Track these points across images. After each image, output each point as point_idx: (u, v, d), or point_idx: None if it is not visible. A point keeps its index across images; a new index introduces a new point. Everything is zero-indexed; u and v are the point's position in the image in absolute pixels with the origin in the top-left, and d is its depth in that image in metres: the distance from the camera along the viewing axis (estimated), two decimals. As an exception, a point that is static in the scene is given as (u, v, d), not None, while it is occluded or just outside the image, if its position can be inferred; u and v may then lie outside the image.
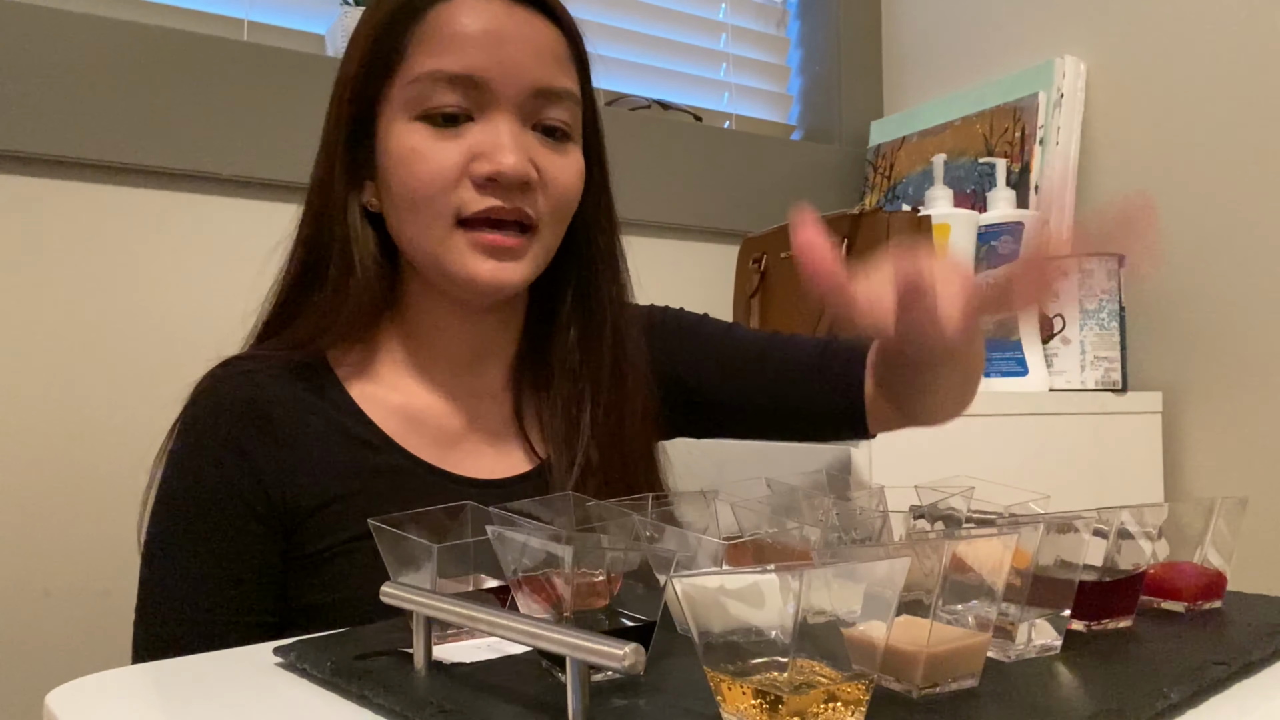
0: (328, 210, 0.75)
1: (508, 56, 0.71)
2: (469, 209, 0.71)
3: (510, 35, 0.71)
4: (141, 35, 1.08)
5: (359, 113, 0.74)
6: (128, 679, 0.53)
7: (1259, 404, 1.25)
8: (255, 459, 0.71)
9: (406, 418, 0.76)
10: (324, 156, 0.76)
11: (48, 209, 1.06)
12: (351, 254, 0.74)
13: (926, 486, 0.61)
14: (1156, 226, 0.54)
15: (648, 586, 0.46)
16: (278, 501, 0.71)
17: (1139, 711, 0.40)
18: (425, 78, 0.70)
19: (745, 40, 1.71)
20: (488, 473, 0.77)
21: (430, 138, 0.71)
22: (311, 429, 0.73)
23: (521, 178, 0.71)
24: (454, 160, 0.70)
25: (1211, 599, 0.59)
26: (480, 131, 0.71)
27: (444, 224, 0.71)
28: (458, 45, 0.70)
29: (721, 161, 1.54)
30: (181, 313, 1.11)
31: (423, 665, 0.48)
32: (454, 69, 0.70)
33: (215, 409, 0.72)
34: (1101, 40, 1.42)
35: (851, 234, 1.22)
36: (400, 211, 0.73)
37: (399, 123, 0.72)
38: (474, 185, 0.71)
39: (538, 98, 0.73)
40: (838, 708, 0.37)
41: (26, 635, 1.02)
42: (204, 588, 0.70)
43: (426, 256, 0.73)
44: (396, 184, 0.72)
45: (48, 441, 1.04)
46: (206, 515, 0.70)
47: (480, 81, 0.70)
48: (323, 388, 0.75)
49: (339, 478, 0.72)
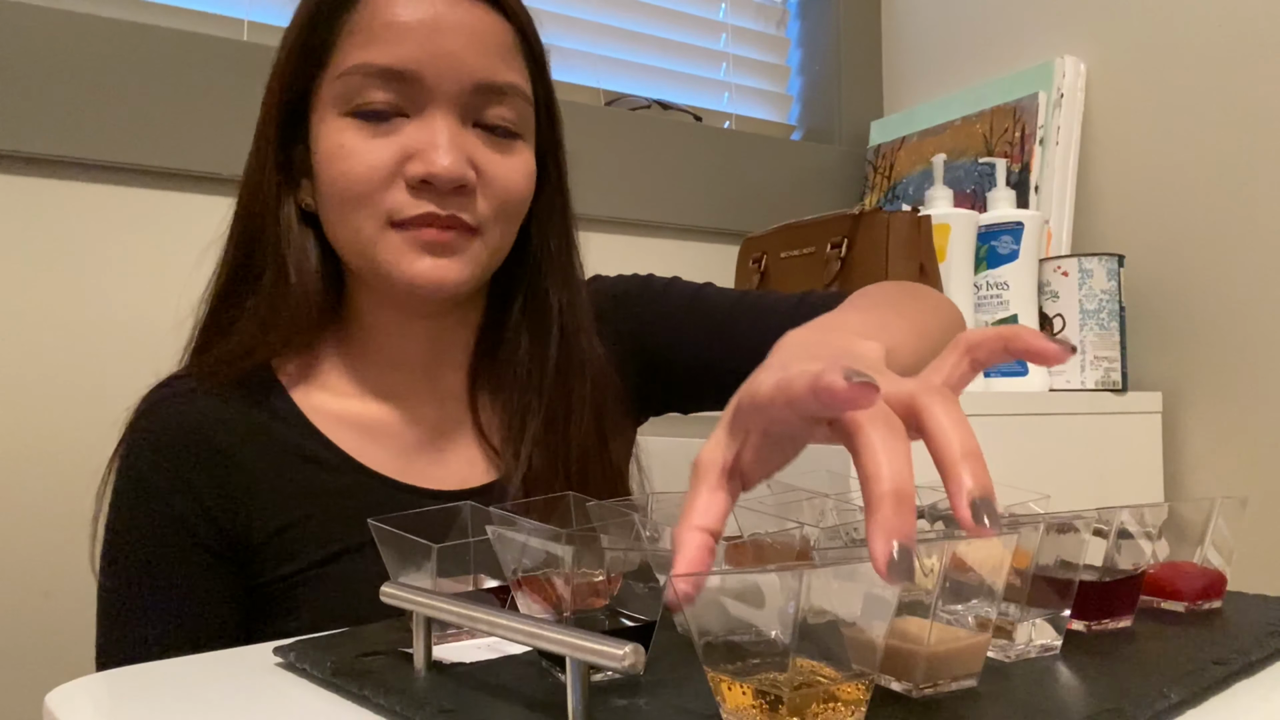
0: (258, 209, 0.71)
1: (444, 48, 0.66)
2: (402, 213, 0.66)
3: (448, 25, 0.66)
4: (141, 35, 1.08)
5: (291, 107, 0.70)
6: (128, 679, 0.53)
7: (1259, 404, 1.25)
8: (200, 491, 0.67)
9: (361, 429, 0.72)
10: (255, 152, 0.72)
11: (48, 209, 1.06)
12: (285, 256, 0.70)
13: (926, 486, 0.61)
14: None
15: (648, 586, 0.46)
16: (229, 533, 0.67)
17: (1139, 711, 0.40)
18: (354, 71, 0.66)
19: (745, 40, 1.71)
20: (453, 483, 0.73)
21: (360, 135, 0.66)
22: (260, 452, 0.69)
23: (457, 180, 0.66)
24: (385, 159, 0.66)
25: (1211, 599, 0.59)
26: (414, 130, 0.66)
27: (373, 225, 0.67)
28: (389, 36, 0.65)
29: (721, 161, 1.54)
30: (182, 313, 1.11)
31: (423, 665, 0.48)
32: (384, 62, 0.65)
33: (155, 441, 0.68)
34: (1101, 40, 1.42)
35: (851, 234, 1.22)
36: (331, 212, 0.69)
37: (330, 119, 0.67)
38: (407, 187, 0.66)
39: (478, 93, 0.68)
40: (838, 708, 0.37)
41: (26, 635, 1.02)
42: (161, 627, 0.67)
43: (361, 258, 0.69)
44: (326, 183, 0.68)
45: (48, 442, 1.04)
46: (157, 554, 0.67)
47: (412, 76, 0.66)
48: (270, 404, 0.70)
49: (292, 502, 0.68)
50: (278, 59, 0.71)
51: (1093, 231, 1.42)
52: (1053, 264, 1.31)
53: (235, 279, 0.72)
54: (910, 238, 1.20)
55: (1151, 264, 1.35)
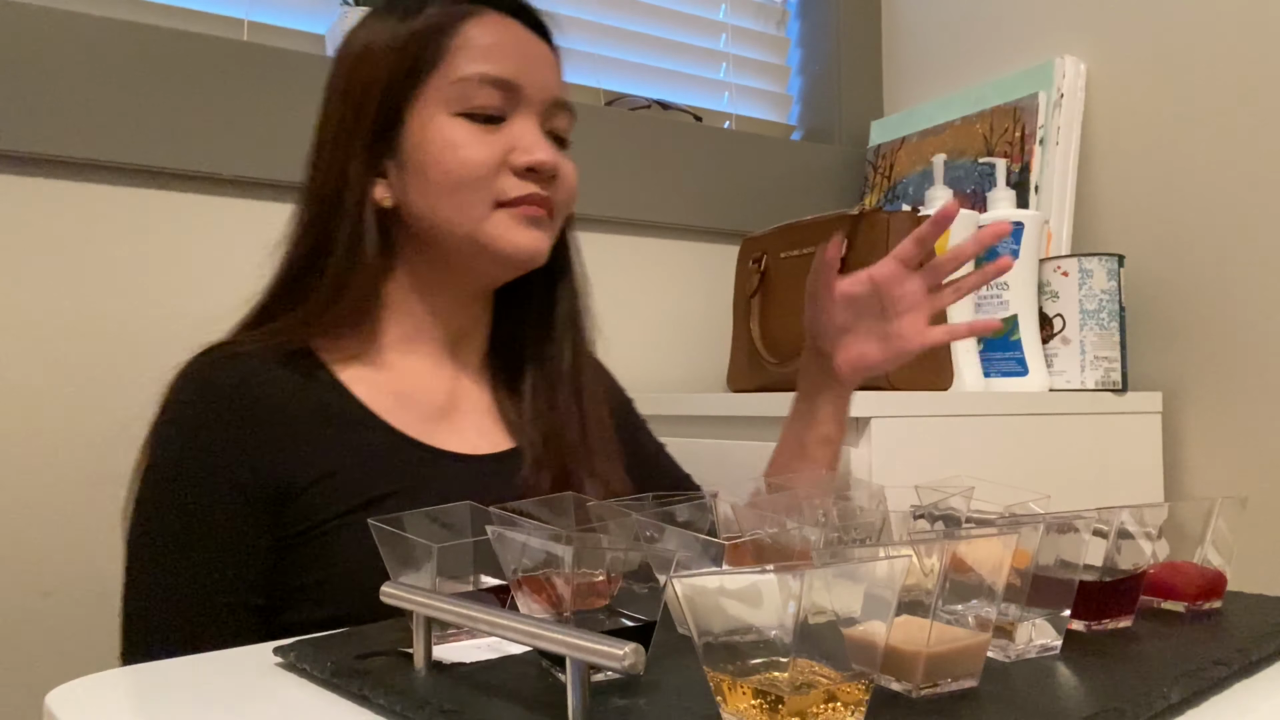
0: (341, 205, 0.78)
1: (535, 68, 0.81)
2: (510, 193, 0.78)
3: (533, 51, 0.82)
4: (141, 35, 1.08)
5: (386, 114, 0.78)
6: (128, 679, 0.53)
7: (1259, 404, 1.25)
8: (245, 440, 0.72)
9: (394, 395, 0.79)
10: (337, 152, 0.79)
11: (48, 209, 1.06)
12: (362, 246, 0.78)
13: (926, 486, 0.61)
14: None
15: (648, 586, 0.46)
16: (269, 481, 0.72)
17: (1139, 711, 0.41)
18: (469, 79, 0.77)
19: (745, 40, 1.71)
20: (471, 448, 0.81)
21: (473, 132, 0.78)
22: (300, 408, 0.74)
23: (554, 169, 0.80)
24: (494, 152, 0.78)
25: (1211, 599, 0.59)
26: (515, 129, 0.79)
27: (484, 206, 0.78)
28: (497, 53, 0.79)
29: (721, 161, 1.54)
30: (182, 312, 1.11)
31: (423, 665, 0.48)
32: (497, 73, 0.78)
33: (203, 392, 0.73)
34: (1101, 40, 1.42)
35: (851, 234, 1.22)
36: (437, 197, 0.78)
37: (438, 118, 0.78)
38: (513, 174, 0.78)
39: (554, 107, 0.82)
40: (838, 708, 0.37)
41: (26, 635, 1.02)
42: (192, 569, 0.70)
43: (461, 236, 0.78)
44: (439, 172, 0.77)
45: (48, 442, 1.04)
46: (196, 497, 0.71)
47: (516, 85, 0.79)
48: (310, 371, 0.77)
49: (329, 454, 0.74)
50: (364, 72, 0.79)
51: (1093, 231, 1.42)
52: (1053, 264, 1.31)
53: (303, 269, 0.79)
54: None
55: (1151, 264, 1.35)
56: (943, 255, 0.83)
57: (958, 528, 0.56)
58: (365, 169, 0.78)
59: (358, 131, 0.78)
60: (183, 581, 0.70)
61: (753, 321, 1.34)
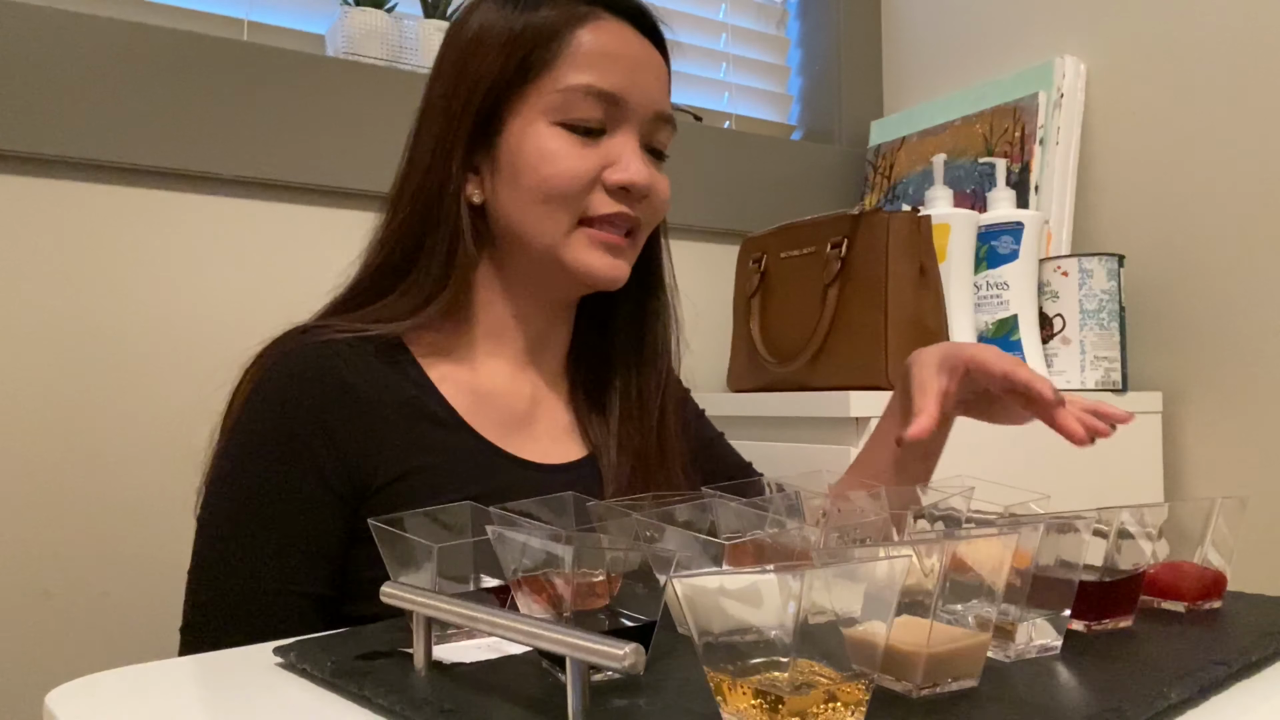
0: (440, 200, 0.77)
1: (643, 81, 0.78)
2: (598, 210, 0.77)
3: (644, 62, 0.79)
4: (141, 35, 1.08)
5: (488, 112, 0.77)
6: (128, 679, 0.53)
7: (1259, 404, 1.25)
8: (334, 428, 0.71)
9: (476, 396, 0.79)
10: (436, 149, 0.78)
11: (48, 209, 1.06)
12: (459, 243, 0.77)
13: (926, 486, 0.61)
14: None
15: (648, 586, 0.46)
16: (354, 474, 0.71)
17: (1139, 711, 0.40)
18: (573, 89, 0.76)
19: (745, 40, 1.71)
20: (544, 457, 0.80)
21: (570, 143, 0.76)
22: (389, 402, 0.74)
23: (647, 190, 0.78)
24: (590, 166, 0.76)
25: (1211, 599, 0.59)
26: (614, 144, 0.78)
27: (569, 221, 0.77)
28: (607, 64, 0.77)
29: (721, 161, 1.54)
30: (182, 313, 1.11)
31: (423, 665, 0.48)
32: (603, 85, 0.76)
33: (296, 372, 0.72)
34: (1101, 40, 1.42)
35: (851, 234, 1.22)
36: (525, 205, 0.77)
37: (538, 124, 0.76)
38: (605, 191, 0.77)
39: (656, 121, 0.80)
40: (838, 708, 0.37)
41: (26, 635, 1.02)
42: (266, 553, 0.69)
43: (542, 248, 0.78)
44: (532, 180, 0.76)
45: (48, 442, 1.04)
46: (278, 480, 0.70)
47: (621, 100, 0.77)
48: (399, 363, 0.76)
49: (412, 452, 0.73)
50: (473, 71, 0.77)
51: (1093, 231, 1.42)
52: (1053, 264, 1.31)
53: (399, 260, 0.78)
54: (910, 238, 1.20)
55: (1151, 264, 1.35)
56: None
57: (958, 528, 0.56)
58: (463, 164, 0.77)
59: (461, 125, 0.77)
60: (254, 567, 0.69)
61: (753, 321, 1.34)
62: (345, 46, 1.23)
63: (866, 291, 1.19)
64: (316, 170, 1.17)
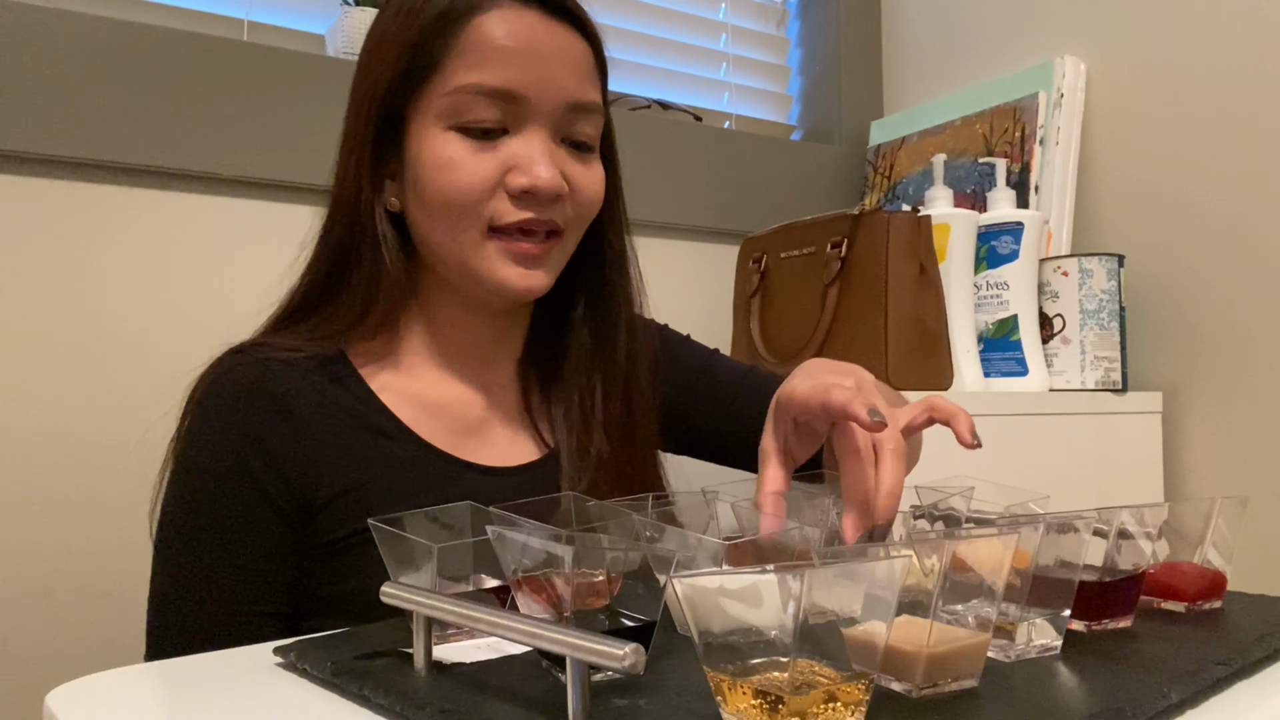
0: (357, 212, 0.75)
1: (545, 72, 0.72)
2: (503, 219, 0.73)
3: (547, 51, 0.72)
4: (141, 35, 1.08)
5: (387, 117, 0.74)
6: (128, 679, 0.53)
7: (1259, 404, 1.25)
8: (273, 447, 0.70)
9: (423, 406, 0.77)
10: (348, 158, 0.76)
11: (48, 209, 1.06)
12: (382, 254, 0.75)
13: (926, 486, 0.61)
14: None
15: (648, 586, 0.46)
16: (296, 490, 0.70)
17: (1139, 711, 0.40)
18: (464, 90, 0.71)
19: (745, 40, 1.71)
20: (500, 460, 0.79)
21: (467, 149, 0.72)
22: (329, 417, 0.73)
23: (556, 192, 0.73)
24: (489, 172, 0.72)
25: (1211, 599, 0.59)
26: (516, 145, 0.72)
27: (476, 231, 0.73)
28: (498, 59, 0.71)
29: (721, 161, 1.54)
30: (181, 313, 1.11)
31: (423, 665, 0.48)
32: (494, 84, 0.71)
33: (232, 394, 0.71)
34: (1101, 40, 1.42)
35: (851, 234, 1.22)
36: (431, 217, 0.74)
37: (433, 130, 0.72)
38: (509, 196, 0.72)
39: (570, 112, 0.74)
40: (838, 708, 0.37)
41: (27, 635, 1.02)
42: (218, 576, 0.69)
43: (454, 260, 0.75)
44: (431, 191, 0.72)
45: (48, 442, 1.04)
46: (223, 503, 0.70)
47: (519, 96, 0.71)
48: (340, 378, 0.75)
49: (356, 466, 0.72)
50: (370, 72, 0.75)
51: (1093, 231, 1.42)
52: (1053, 264, 1.31)
53: (330, 275, 0.77)
54: (910, 238, 1.20)
55: (1151, 264, 1.35)
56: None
57: (958, 528, 0.56)
58: (373, 174, 0.75)
59: (362, 136, 0.75)
60: (207, 589, 0.69)
61: (753, 321, 1.34)
62: (345, 46, 1.23)
63: (866, 291, 1.19)
64: (317, 170, 1.17)
